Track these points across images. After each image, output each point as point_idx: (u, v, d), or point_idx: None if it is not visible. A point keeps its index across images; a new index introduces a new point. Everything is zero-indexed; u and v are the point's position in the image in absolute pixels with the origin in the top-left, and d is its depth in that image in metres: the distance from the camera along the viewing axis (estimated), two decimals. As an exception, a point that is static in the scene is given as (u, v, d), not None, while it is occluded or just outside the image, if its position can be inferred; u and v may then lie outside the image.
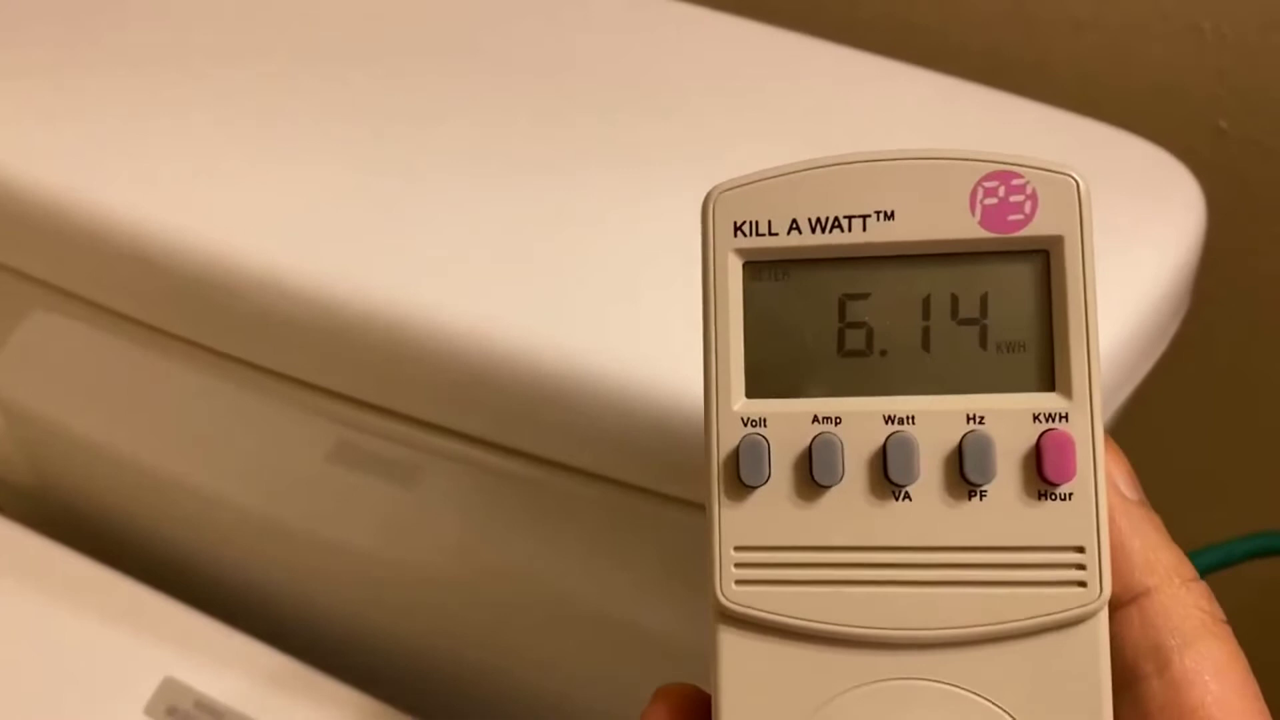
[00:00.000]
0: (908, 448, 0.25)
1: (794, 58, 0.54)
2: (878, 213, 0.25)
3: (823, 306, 0.26)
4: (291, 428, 0.52)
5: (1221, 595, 0.27)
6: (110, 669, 0.55)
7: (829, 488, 0.25)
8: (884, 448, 0.25)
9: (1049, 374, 0.25)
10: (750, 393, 0.26)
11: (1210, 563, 0.53)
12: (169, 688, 0.54)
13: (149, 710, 0.54)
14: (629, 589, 0.50)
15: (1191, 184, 0.47)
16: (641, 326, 0.42)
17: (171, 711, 0.54)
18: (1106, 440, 0.26)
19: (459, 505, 0.50)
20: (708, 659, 0.26)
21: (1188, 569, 0.26)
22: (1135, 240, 0.44)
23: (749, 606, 0.25)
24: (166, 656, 0.55)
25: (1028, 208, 0.25)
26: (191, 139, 0.50)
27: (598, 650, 0.54)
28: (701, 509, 0.39)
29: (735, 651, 0.26)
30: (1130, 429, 0.46)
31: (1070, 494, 0.24)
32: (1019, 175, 0.25)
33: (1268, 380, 0.69)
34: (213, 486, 0.59)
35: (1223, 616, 0.26)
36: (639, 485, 0.43)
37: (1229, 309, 0.66)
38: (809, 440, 0.25)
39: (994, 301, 0.25)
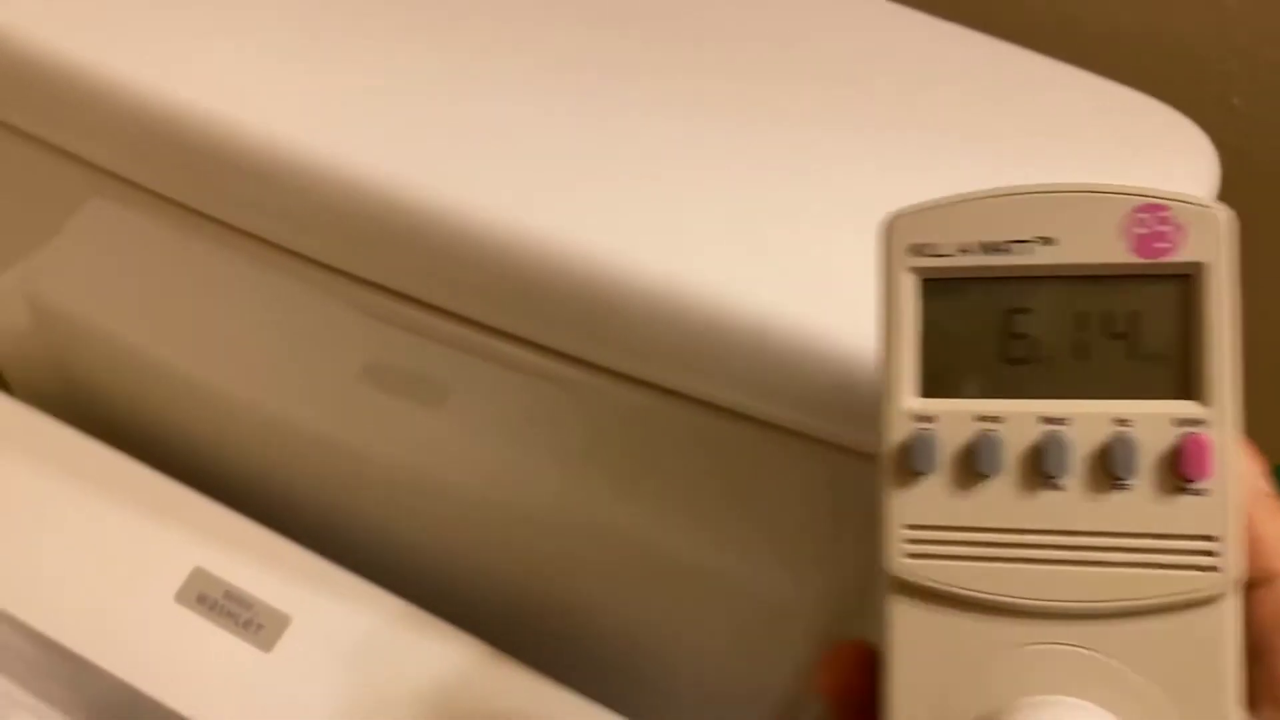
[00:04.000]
0: (1061, 445, 0.29)
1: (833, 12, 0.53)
2: (1040, 238, 0.29)
3: (990, 319, 0.29)
4: (334, 328, 0.52)
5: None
6: (141, 558, 0.56)
7: (989, 477, 0.29)
8: (1039, 444, 0.29)
9: (1189, 384, 0.28)
10: (923, 393, 0.30)
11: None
12: (199, 577, 0.55)
13: (179, 597, 0.55)
14: (670, 512, 0.51)
15: (1208, 148, 0.49)
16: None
17: (202, 599, 0.55)
18: (1245, 442, 0.30)
19: (499, 417, 0.51)
20: (880, 623, 0.30)
21: None
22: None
23: (917, 576, 0.29)
24: (197, 549, 0.56)
25: (1174, 236, 0.28)
26: (253, 22, 0.49)
27: (630, 573, 0.56)
28: (766, 428, 0.42)
29: (905, 616, 0.30)
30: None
31: (1205, 490, 0.28)
32: (1167, 208, 0.28)
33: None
34: (248, 391, 0.60)
35: None
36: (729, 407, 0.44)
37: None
38: (973, 435, 0.29)
39: (1142, 319, 0.29)
